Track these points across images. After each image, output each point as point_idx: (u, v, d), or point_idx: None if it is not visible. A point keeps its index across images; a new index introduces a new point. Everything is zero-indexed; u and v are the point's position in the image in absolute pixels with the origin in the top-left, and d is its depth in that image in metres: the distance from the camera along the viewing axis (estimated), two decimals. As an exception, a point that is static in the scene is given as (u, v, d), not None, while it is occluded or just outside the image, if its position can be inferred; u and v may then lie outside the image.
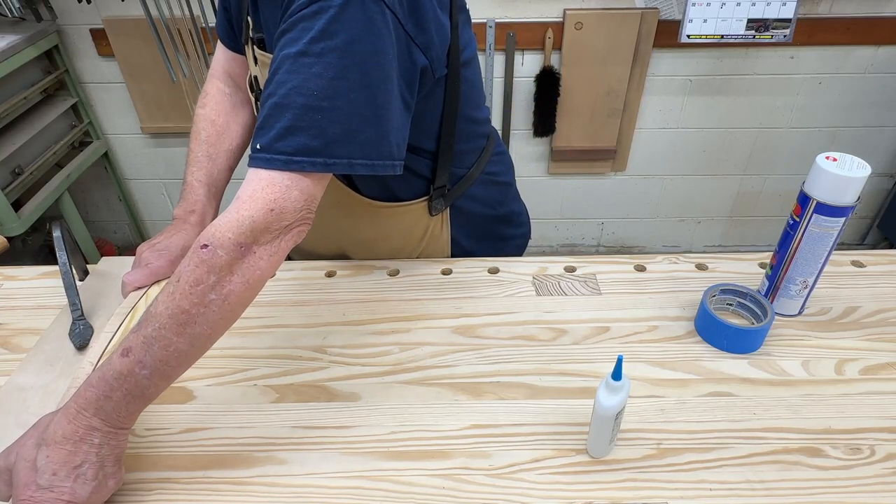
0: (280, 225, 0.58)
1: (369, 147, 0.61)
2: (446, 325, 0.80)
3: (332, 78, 0.58)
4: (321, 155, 0.58)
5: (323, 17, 0.57)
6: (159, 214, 2.41)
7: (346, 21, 0.57)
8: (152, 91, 2.01)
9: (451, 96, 0.77)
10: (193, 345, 0.56)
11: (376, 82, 0.60)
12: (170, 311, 0.55)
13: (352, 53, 0.58)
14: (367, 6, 0.58)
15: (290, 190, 0.58)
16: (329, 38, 0.57)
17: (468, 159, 0.88)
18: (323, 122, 0.58)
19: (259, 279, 0.58)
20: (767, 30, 1.78)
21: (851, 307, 0.81)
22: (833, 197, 0.68)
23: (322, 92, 0.57)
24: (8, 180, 1.70)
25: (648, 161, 2.20)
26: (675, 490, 0.59)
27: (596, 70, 1.93)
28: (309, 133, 0.58)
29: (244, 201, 0.57)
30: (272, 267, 0.60)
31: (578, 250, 2.48)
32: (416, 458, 0.63)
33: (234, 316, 0.59)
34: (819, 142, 2.15)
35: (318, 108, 0.57)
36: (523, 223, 1.06)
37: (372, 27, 0.58)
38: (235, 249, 0.56)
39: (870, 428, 0.65)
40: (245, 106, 0.91)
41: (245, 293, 0.58)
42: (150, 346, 0.54)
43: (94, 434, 0.54)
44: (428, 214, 0.88)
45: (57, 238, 0.82)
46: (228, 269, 0.56)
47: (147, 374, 0.55)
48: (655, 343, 0.76)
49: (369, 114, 0.60)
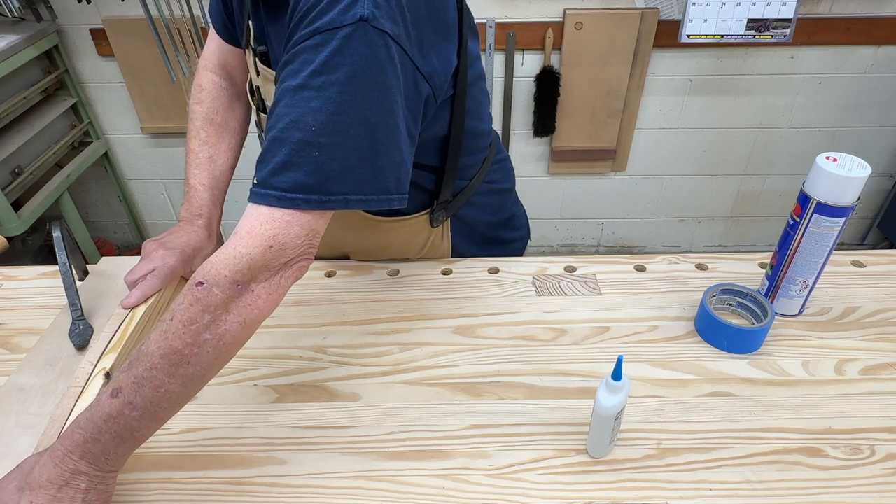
0: (279, 262, 0.56)
1: (364, 183, 0.59)
2: (446, 325, 0.80)
3: (332, 113, 0.55)
4: (316, 192, 0.56)
5: (325, 50, 0.55)
6: (159, 214, 2.41)
7: (348, 54, 0.55)
8: (152, 91, 2.01)
9: (458, 115, 0.75)
10: (186, 386, 0.54)
11: (377, 118, 0.58)
12: (162, 350, 0.52)
13: (353, 88, 0.56)
14: (371, 39, 0.55)
15: (290, 226, 0.56)
16: (330, 71, 0.55)
17: (470, 171, 0.87)
18: (320, 159, 0.56)
19: (256, 318, 0.56)
20: (767, 30, 1.78)
21: (851, 307, 0.81)
22: (833, 197, 0.68)
23: (320, 127, 0.55)
24: (8, 180, 1.70)
25: (648, 161, 2.20)
26: (675, 490, 0.59)
27: (596, 70, 1.93)
28: (305, 169, 0.55)
29: (241, 237, 0.55)
30: (271, 306, 0.57)
31: (578, 250, 2.47)
32: (416, 458, 0.63)
33: (229, 356, 0.56)
34: (819, 142, 2.15)
35: (315, 143, 0.55)
36: (522, 225, 1.05)
37: (375, 61, 0.56)
38: (231, 287, 0.54)
39: (870, 428, 0.65)
40: (241, 99, 0.90)
41: (241, 333, 0.55)
42: (140, 387, 0.52)
43: (80, 478, 0.52)
44: (429, 226, 0.87)
45: (57, 238, 0.82)
46: (224, 308, 0.54)
47: (137, 416, 0.52)
48: (655, 343, 0.76)
49: (367, 150, 0.58)
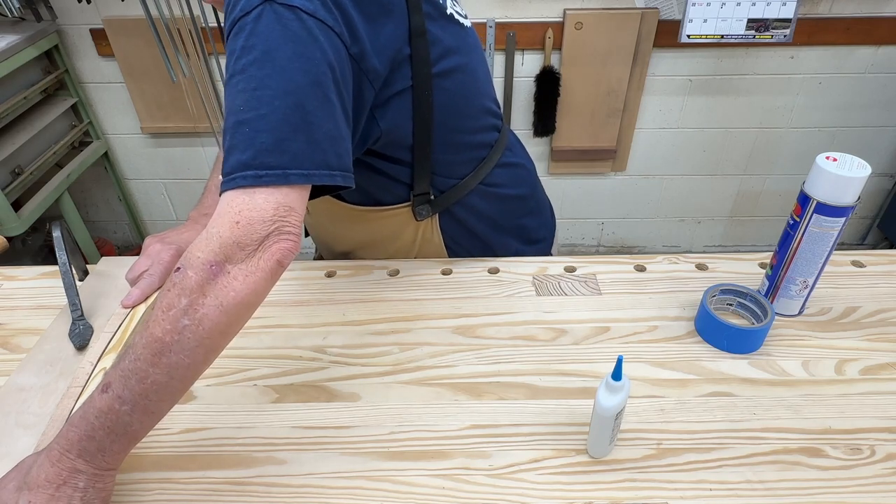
0: (251, 238, 0.55)
1: (302, 156, 0.58)
2: (446, 325, 0.80)
3: (254, 89, 0.56)
4: (251, 167, 0.56)
5: (241, 36, 0.57)
6: (159, 214, 2.41)
7: (259, 33, 0.57)
8: (152, 91, 2.01)
9: (423, 108, 0.74)
10: (172, 376, 0.53)
11: (302, 88, 0.57)
12: (144, 340, 0.53)
13: (270, 62, 0.57)
14: (280, 14, 0.57)
15: (251, 201, 0.55)
16: (248, 53, 0.57)
17: (459, 170, 0.85)
18: (250, 134, 0.56)
19: (234, 302, 0.54)
20: (767, 30, 1.78)
21: (851, 307, 0.81)
22: (833, 197, 0.68)
23: (245, 104, 0.56)
24: (8, 180, 1.70)
25: (648, 161, 2.20)
26: (675, 490, 0.59)
27: (596, 70, 1.93)
28: (240, 147, 0.56)
29: (212, 220, 0.55)
30: (249, 289, 0.55)
31: (578, 250, 2.47)
32: (416, 458, 0.63)
33: (214, 344, 0.55)
34: (819, 142, 2.15)
35: (244, 121, 0.56)
36: (540, 239, 1.00)
37: (288, 33, 0.57)
38: (205, 268, 0.53)
39: (870, 428, 0.65)
40: None
41: (220, 318, 0.54)
42: (127, 380, 0.52)
43: (78, 477, 0.52)
44: (414, 219, 0.86)
45: (57, 238, 0.82)
46: (200, 291, 0.53)
47: (128, 410, 0.52)
48: (655, 343, 0.76)
49: (299, 121, 0.57)
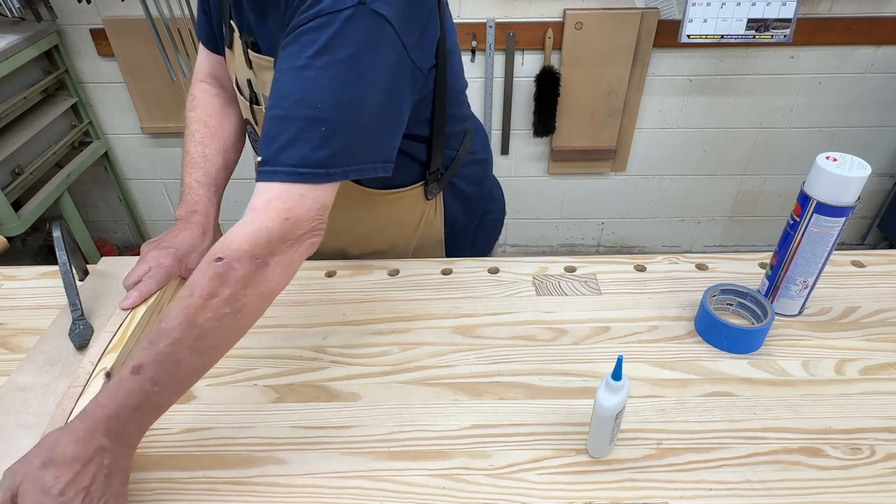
0: (295, 234, 0.59)
1: (364, 155, 0.63)
2: (446, 325, 0.80)
3: (336, 90, 0.59)
4: (323, 166, 0.60)
5: (327, 32, 0.58)
6: (159, 214, 2.40)
7: (348, 36, 0.59)
8: (152, 91, 2.01)
9: (441, 83, 0.78)
10: (205, 359, 0.57)
11: (377, 94, 0.62)
12: (183, 325, 0.55)
13: (355, 67, 0.60)
14: (370, 22, 0.59)
15: (303, 199, 0.59)
16: (332, 52, 0.59)
17: (456, 140, 0.89)
18: (327, 134, 0.59)
19: (272, 292, 0.59)
20: (767, 30, 1.78)
21: (851, 307, 0.81)
22: (833, 197, 0.68)
23: (325, 104, 0.59)
24: (8, 180, 1.70)
25: (648, 161, 2.20)
26: (675, 490, 0.59)
27: (596, 70, 1.93)
28: (312, 144, 0.59)
29: (258, 212, 0.58)
30: (285, 280, 0.60)
31: (578, 250, 2.47)
32: (416, 458, 0.63)
33: (246, 329, 0.60)
34: (819, 142, 2.15)
35: (322, 119, 0.59)
36: (498, 198, 1.08)
37: (373, 41, 0.60)
38: (251, 261, 0.57)
39: (870, 428, 0.65)
40: (233, 104, 0.91)
41: (258, 306, 0.59)
42: (162, 363, 0.54)
43: (103, 454, 0.54)
44: (424, 199, 0.89)
45: (57, 238, 0.82)
46: (243, 283, 0.56)
47: (159, 391, 0.55)
48: (655, 343, 0.76)
49: (370, 125, 0.62)
